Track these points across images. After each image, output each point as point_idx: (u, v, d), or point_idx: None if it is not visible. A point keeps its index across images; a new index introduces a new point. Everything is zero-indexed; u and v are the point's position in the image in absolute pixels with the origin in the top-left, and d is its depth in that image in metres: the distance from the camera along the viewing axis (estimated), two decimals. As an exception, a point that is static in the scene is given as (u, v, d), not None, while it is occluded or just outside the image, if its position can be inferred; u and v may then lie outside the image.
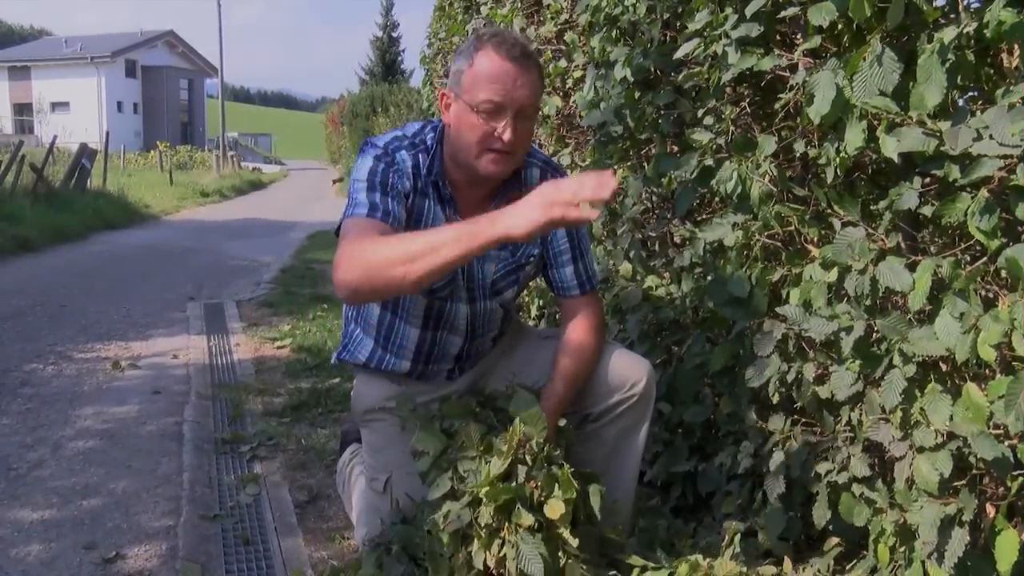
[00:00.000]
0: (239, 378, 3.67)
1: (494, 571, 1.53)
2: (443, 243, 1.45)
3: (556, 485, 1.55)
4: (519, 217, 1.39)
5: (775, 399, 1.68)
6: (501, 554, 1.51)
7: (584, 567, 1.52)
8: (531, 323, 3.28)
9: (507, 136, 1.66)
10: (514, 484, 1.54)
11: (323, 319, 4.88)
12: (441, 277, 1.67)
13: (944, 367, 1.41)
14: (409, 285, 1.51)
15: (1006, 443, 1.25)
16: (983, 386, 1.27)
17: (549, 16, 3.03)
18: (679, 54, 1.86)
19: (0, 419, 3.01)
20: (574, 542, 1.52)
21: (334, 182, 23.51)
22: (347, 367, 2.08)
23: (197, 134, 43.75)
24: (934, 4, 1.31)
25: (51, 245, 8.29)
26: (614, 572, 1.62)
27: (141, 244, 9.06)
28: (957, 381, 1.39)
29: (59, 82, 39.57)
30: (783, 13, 1.55)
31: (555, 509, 1.52)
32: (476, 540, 1.53)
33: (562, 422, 1.74)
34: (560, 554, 1.52)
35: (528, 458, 1.57)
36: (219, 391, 3.44)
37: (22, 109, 40.41)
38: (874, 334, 1.43)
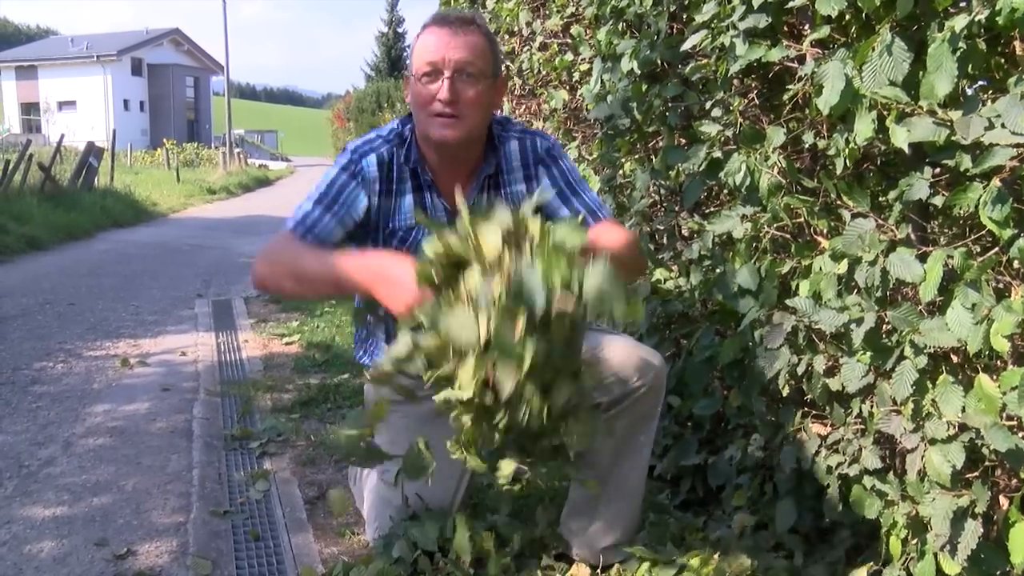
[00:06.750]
0: (248, 375, 3.68)
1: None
2: (323, 278, 1.59)
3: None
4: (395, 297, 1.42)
5: (785, 391, 1.68)
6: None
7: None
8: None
9: (443, 95, 1.67)
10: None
11: (331, 315, 4.87)
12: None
13: (956, 358, 1.40)
14: (298, 298, 1.72)
15: (1019, 434, 1.24)
16: (995, 377, 1.27)
17: (555, 9, 3.02)
18: (686, 46, 1.85)
19: (11, 417, 3.02)
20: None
21: None
22: (359, 364, 2.09)
23: (203, 131, 43.77)
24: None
25: (59, 244, 8.32)
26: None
27: (149, 242, 9.09)
28: (969, 372, 1.39)
29: (66, 81, 39.65)
30: (791, 3, 1.54)
31: (567, 300, 1.20)
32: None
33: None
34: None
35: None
36: (228, 388, 3.44)
37: (29, 108, 40.53)
38: (885, 325, 1.42)
